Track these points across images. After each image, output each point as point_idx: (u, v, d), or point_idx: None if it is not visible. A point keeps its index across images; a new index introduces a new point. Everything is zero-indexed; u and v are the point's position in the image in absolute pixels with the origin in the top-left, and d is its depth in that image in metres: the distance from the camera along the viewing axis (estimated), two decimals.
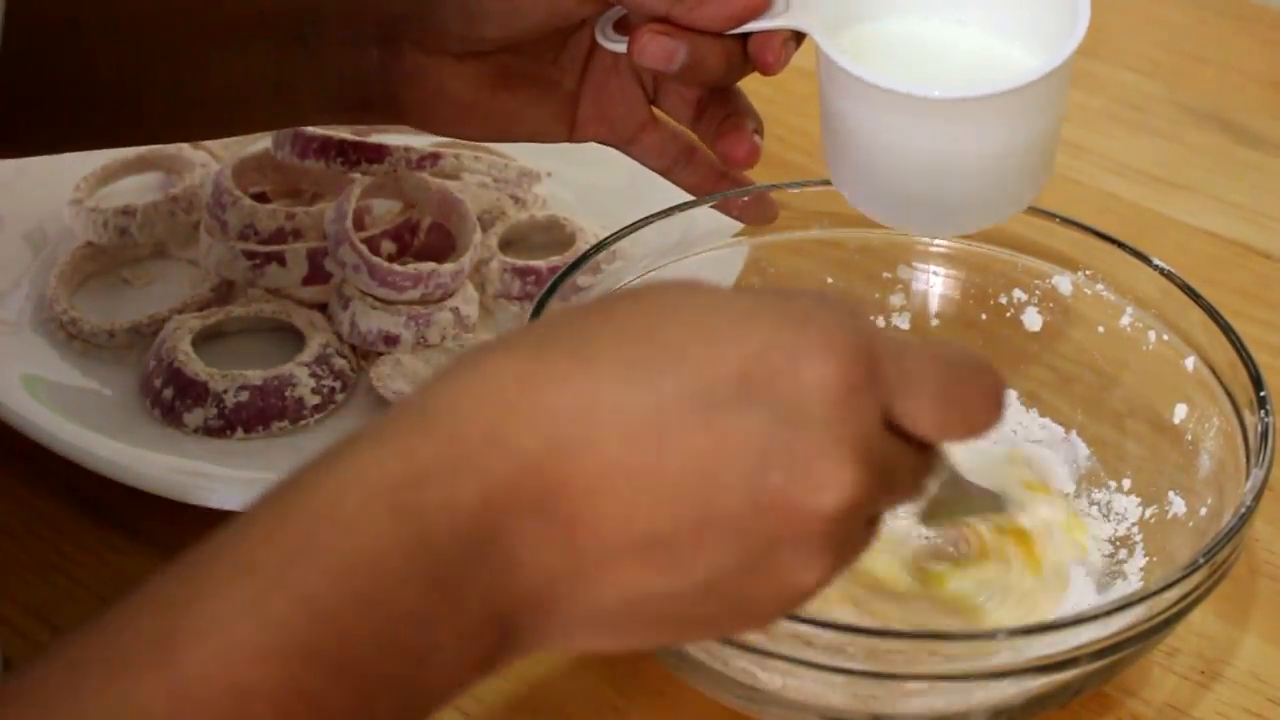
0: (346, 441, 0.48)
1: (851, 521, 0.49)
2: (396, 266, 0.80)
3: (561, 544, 0.47)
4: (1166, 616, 0.61)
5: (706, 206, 0.77)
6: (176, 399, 0.78)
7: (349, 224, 0.80)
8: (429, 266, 0.80)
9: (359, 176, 0.84)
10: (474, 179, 0.89)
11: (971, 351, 0.51)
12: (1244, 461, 0.67)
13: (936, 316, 0.80)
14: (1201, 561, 0.61)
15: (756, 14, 0.69)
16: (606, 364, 0.48)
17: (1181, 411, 0.72)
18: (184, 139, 0.87)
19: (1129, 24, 1.11)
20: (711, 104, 0.75)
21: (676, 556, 0.48)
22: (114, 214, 0.86)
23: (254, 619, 0.44)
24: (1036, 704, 0.63)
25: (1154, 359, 0.74)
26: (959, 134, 0.66)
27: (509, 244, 0.87)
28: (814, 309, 0.49)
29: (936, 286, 0.80)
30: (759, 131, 0.74)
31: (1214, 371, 0.71)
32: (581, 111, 0.76)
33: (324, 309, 0.83)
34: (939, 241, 0.79)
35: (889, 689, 0.61)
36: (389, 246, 0.83)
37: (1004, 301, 0.78)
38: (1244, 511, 0.63)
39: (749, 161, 0.74)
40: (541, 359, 0.48)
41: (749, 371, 0.48)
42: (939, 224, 0.73)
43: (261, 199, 0.86)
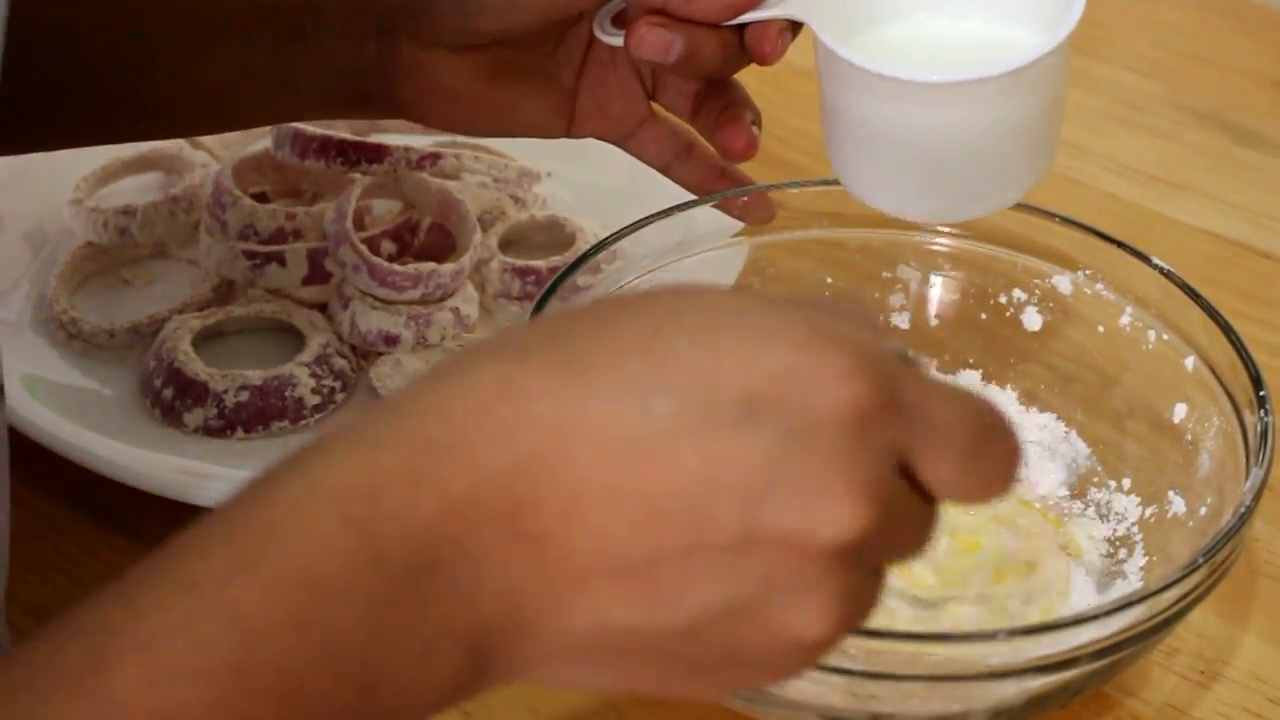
0: (311, 447, 0.45)
1: (854, 568, 0.44)
2: (396, 266, 0.80)
3: (529, 563, 0.44)
4: (1166, 616, 0.61)
5: (706, 206, 0.77)
6: (176, 399, 0.78)
7: (349, 224, 0.80)
8: (429, 266, 0.80)
9: (359, 176, 0.84)
10: (474, 179, 0.89)
11: (994, 406, 0.47)
12: (1244, 461, 0.67)
13: (936, 316, 0.80)
14: (1201, 561, 0.61)
15: (753, 4, 0.69)
16: (597, 376, 0.44)
17: (1181, 411, 0.72)
18: (183, 134, 0.87)
19: (1129, 24, 1.11)
20: (709, 97, 0.75)
21: (656, 587, 0.44)
22: (114, 214, 0.85)
23: (185, 639, 0.42)
24: (1036, 704, 0.63)
25: (1154, 359, 0.74)
26: (958, 118, 0.66)
27: (509, 244, 0.87)
28: (833, 332, 0.45)
29: (936, 286, 0.80)
30: (757, 123, 0.74)
31: (1214, 371, 0.71)
32: (580, 106, 0.76)
33: (324, 309, 0.83)
34: (939, 241, 0.79)
35: (889, 689, 0.61)
36: (389, 246, 0.83)
37: (1004, 301, 0.78)
38: (1244, 511, 0.63)
39: (747, 153, 0.74)
40: (528, 366, 0.45)
41: (756, 393, 0.44)
42: (942, 211, 0.73)
43: (261, 199, 0.86)
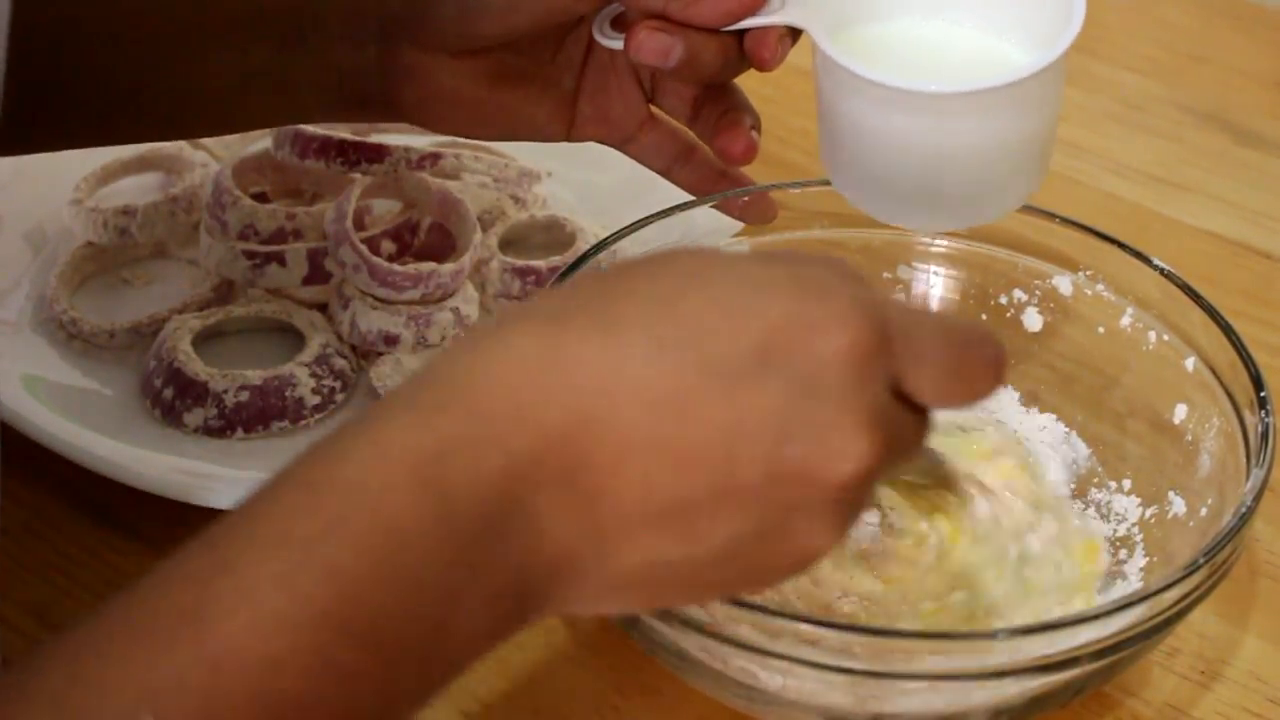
0: (372, 412, 0.49)
1: (863, 488, 0.50)
2: (396, 266, 0.80)
3: (584, 515, 0.48)
4: (1166, 616, 0.61)
5: (706, 206, 0.77)
6: (177, 399, 0.78)
7: (349, 224, 0.80)
8: (429, 266, 0.80)
9: (359, 176, 0.84)
10: (474, 179, 0.89)
11: (975, 323, 0.53)
12: (1244, 461, 0.67)
13: None
14: (1201, 561, 0.61)
15: (752, 10, 0.69)
16: (628, 334, 0.49)
17: (1181, 411, 0.72)
18: (183, 136, 0.87)
19: (1129, 24, 1.11)
20: (708, 102, 0.75)
21: (695, 525, 0.49)
22: (114, 214, 0.85)
23: (284, 591, 0.45)
24: (1036, 704, 0.63)
25: (1154, 359, 0.74)
26: (955, 129, 0.67)
27: (509, 244, 0.87)
28: (829, 281, 0.51)
29: (936, 286, 0.80)
30: (756, 127, 0.75)
31: (1214, 371, 0.71)
32: (580, 110, 0.76)
33: (324, 309, 0.83)
34: (939, 241, 0.79)
35: (889, 689, 0.61)
36: (389, 246, 0.83)
37: (1004, 301, 0.78)
38: (1244, 511, 0.63)
39: (747, 157, 0.74)
40: (566, 329, 0.49)
41: (768, 344, 0.49)
42: (937, 220, 0.73)
43: (261, 199, 0.86)
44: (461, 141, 0.88)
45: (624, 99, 0.76)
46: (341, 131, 0.85)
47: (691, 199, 0.77)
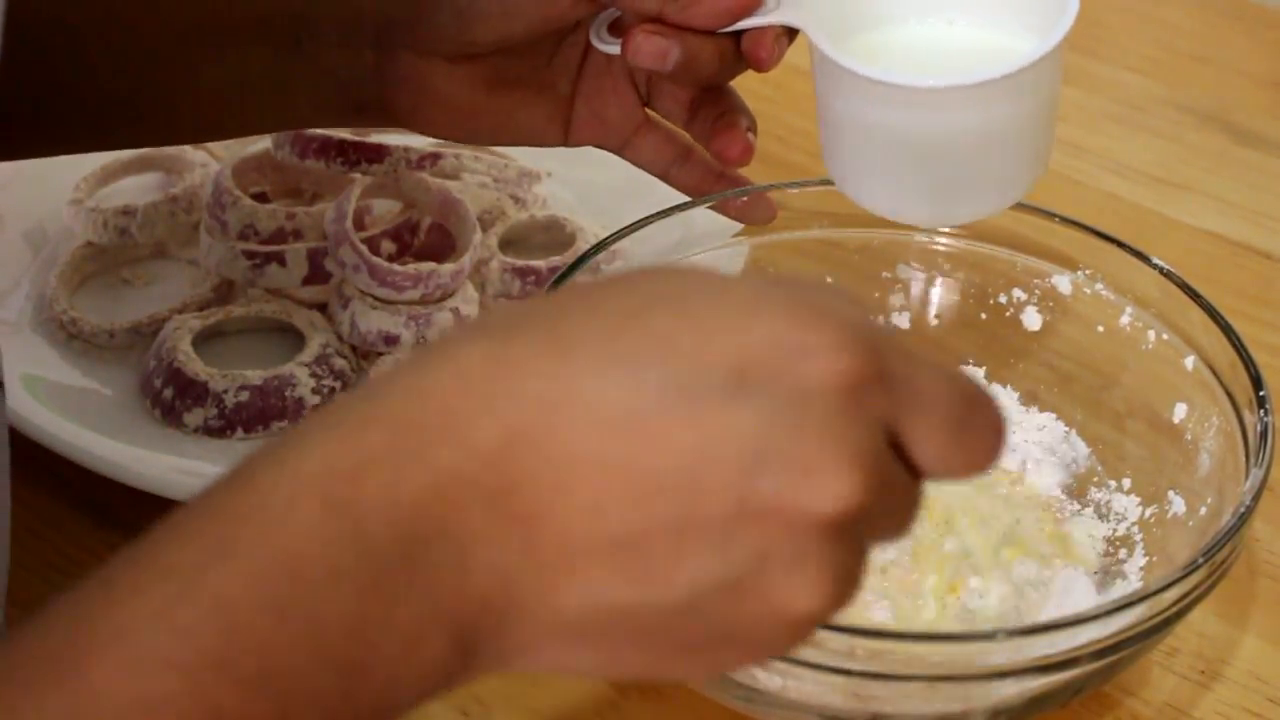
0: (293, 432, 0.44)
1: (846, 540, 0.44)
2: (396, 266, 0.80)
3: (519, 542, 0.43)
4: (1166, 616, 0.61)
5: (706, 206, 0.77)
6: (177, 399, 0.78)
7: (349, 224, 0.80)
8: (429, 266, 0.80)
9: (359, 176, 0.84)
10: (474, 179, 0.89)
11: (977, 380, 0.47)
12: (1244, 461, 0.67)
13: (936, 316, 0.80)
14: (1201, 561, 0.61)
15: (748, 11, 0.69)
16: (585, 351, 0.44)
17: (1181, 411, 0.72)
18: (179, 142, 0.87)
19: (1129, 24, 1.11)
20: (704, 104, 0.75)
21: (650, 564, 0.43)
22: (114, 214, 0.86)
23: (163, 627, 0.42)
24: (1036, 704, 0.63)
25: (1154, 359, 0.74)
26: (953, 123, 0.67)
27: (509, 244, 0.87)
28: (828, 306, 0.45)
29: (936, 286, 0.80)
30: (752, 129, 0.75)
31: (1214, 371, 0.71)
32: (576, 115, 0.76)
33: (324, 309, 0.83)
34: (939, 241, 0.79)
35: (889, 689, 0.61)
36: (389, 246, 0.83)
37: (1004, 301, 0.78)
38: (1244, 511, 0.63)
39: (743, 159, 0.74)
40: (514, 342, 0.44)
41: (746, 365, 0.43)
42: (937, 215, 0.73)
43: (261, 199, 0.86)
44: None
45: (620, 103, 0.76)
46: (341, 131, 0.85)
47: (691, 199, 0.77)
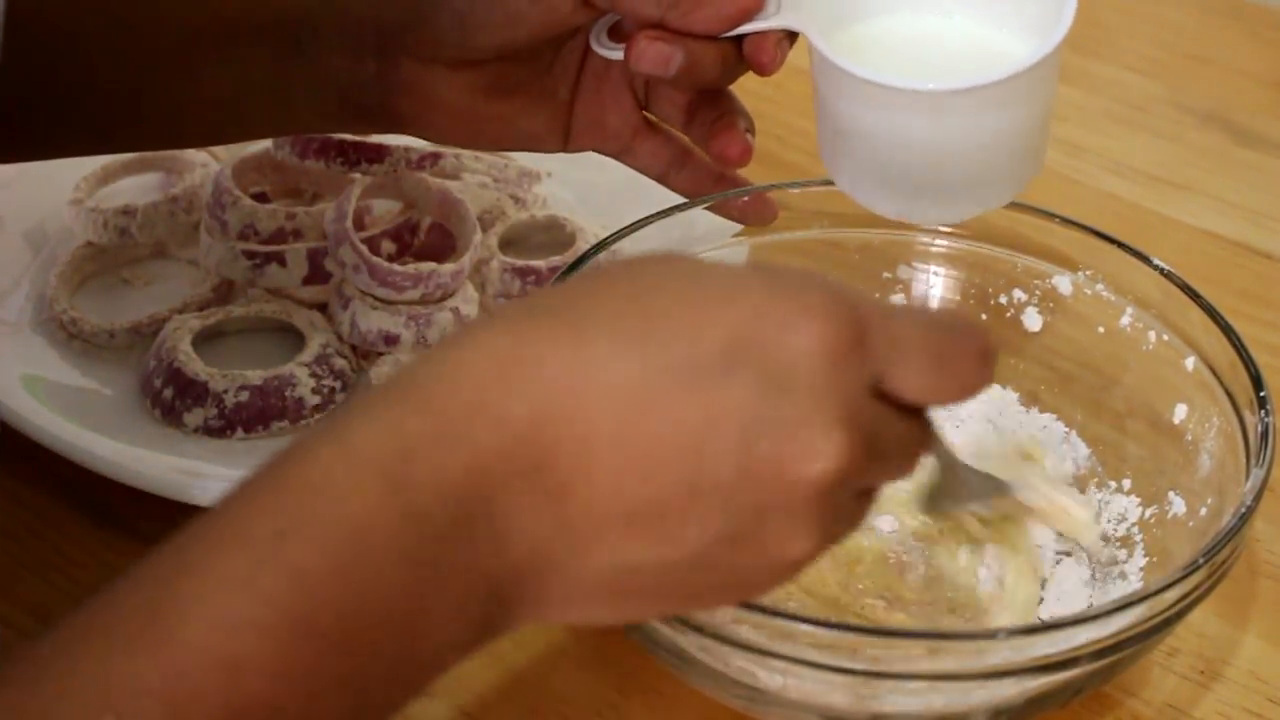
0: (340, 415, 0.49)
1: (840, 491, 0.49)
2: (396, 266, 0.80)
3: (552, 513, 0.48)
4: (1166, 616, 0.61)
5: (706, 207, 0.77)
6: (176, 399, 0.78)
7: (349, 224, 0.80)
8: (429, 266, 0.80)
9: (359, 176, 0.84)
10: (474, 179, 0.89)
11: (959, 314, 0.52)
12: (1244, 461, 0.67)
13: None
14: (1201, 561, 0.61)
15: (750, 16, 0.69)
16: (595, 333, 0.48)
17: (1181, 411, 0.72)
18: (179, 146, 0.87)
19: (1129, 24, 1.11)
20: (702, 106, 0.75)
21: (666, 526, 0.48)
22: (114, 214, 0.85)
23: (245, 592, 0.45)
24: (1036, 704, 0.63)
25: (1154, 359, 0.74)
26: (951, 125, 0.67)
27: (509, 244, 0.87)
28: (803, 281, 0.50)
29: (936, 286, 0.80)
30: (751, 130, 0.75)
31: (1214, 371, 0.71)
32: (576, 120, 0.76)
33: (324, 309, 0.83)
34: (939, 241, 0.79)
35: (889, 689, 0.61)
36: (389, 246, 0.83)
37: (1004, 301, 0.78)
38: (1244, 511, 0.63)
39: (742, 160, 0.74)
40: (533, 327, 0.49)
41: (736, 340, 0.48)
42: (941, 211, 0.73)
43: (261, 199, 0.86)
44: None
45: (619, 107, 0.76)
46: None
47: (691, 199, 0.77)
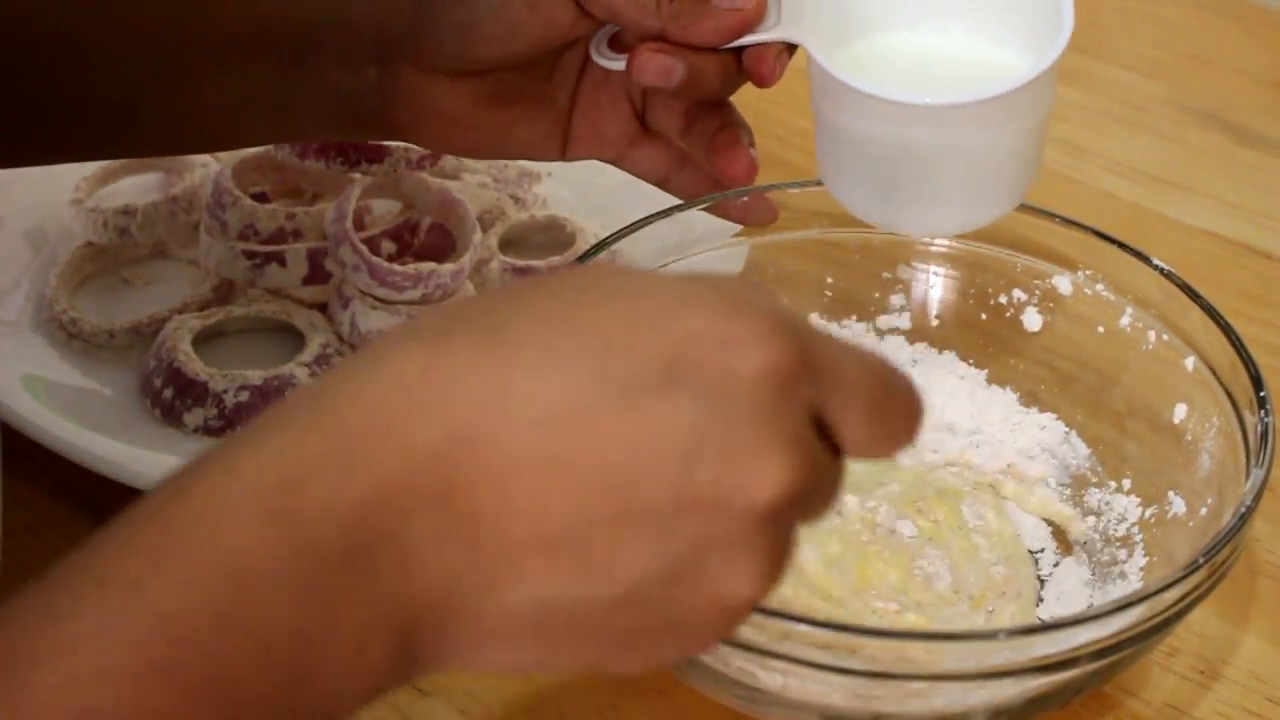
0: (231, 439, 0.45)
1: (781, 524, 0.45)
2: (396, 266, 0.80)
3: (463, 541, 0.44)
4: (1166, 616, 0.61)
5: (706, 207, 0.77)
6: (176, 399, 0.78)
7: (349, 224, 0.80)
8: (429, 266, 0.80)
9: (359, 176, 0.84)
10: (474, 179, 0.89)
11: (895, 363, 0.48)
12: (1244, 461, 0.67)
13: (936, 317, 0.80)
14: (1201, 561, 0.61)
15: (750, 28, 0.70)
16: (519, 350, 0.45)
17: (1181, 411, 0.72)
18: (179, 153, 0.87)
19: (1129, 24, 1.11)
20: (701, 117, 0.75)
21: (590, 556, 0.44)
22: (114, 214, 0.85)
23: (107, 638, 0.42)
24: (1036, 704, 0.63)
25: (1154, 359, 0.74)
26: (949, 139, 0.67)
27: (509, 244, 0.87)
28: (749, 299, 0.46)
29: (936, 286, 0.80)
30: (752, 143, 0.75)
31: (1214, 371, 0.71)
32: (574, 129, 0.76)
33: (324, 309, 0.83)
34: (939, 241, 0.79)
35: (890, 689, 0.61)
36: (389, 246, 0.83)
37: (1004, 301, 0.78)
38: (1244, 511, 0.63)
39: (748, 177, 0.74)
40: (447, 345, 0.45)
41: (676, 358, 0.45)
42: (938, 223, 0.73)
43: (261, 199, 0.86)
44: None
45: (617, 116, 0.76)
46: None
47: (692, 200, 0.77)
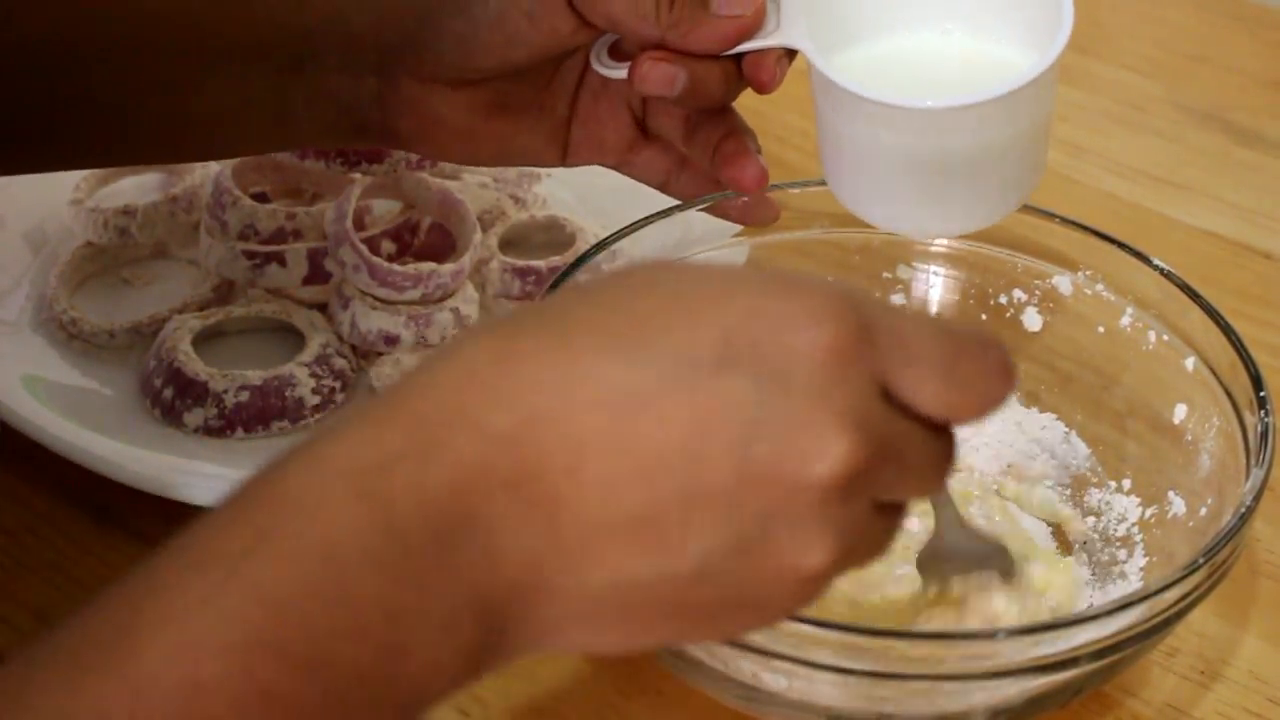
0: (319, 431, 0.47)
1: (852, 498, 0.47)
2: (396, 266, 0.80)
3: (543, 525, 0.46)
4: (1166, 616, 0.61)
5: (706, 208, 0.77)
6: (176, 399, 0.78)
7: (349, 224, 0.80)
8: (429, 266, 0.81)
9: (359, 176, 0.84)
10: (474, 179, 0.89)
11: (974, 326, 0.49)
12: (1244, 461, 0.67)
13: (937, 317, 0.80)
14: (1201, 561, 0.61)
15: (749, 35, 0.70)
16: (584, 338, 0.47)
17: (1181, 411, 0.72)
18: (178, 160, 0.87)
19: (1129, 24, 1.11)
20: (703, 123, 0.74)
21: (664, 534, 0.46)
22: (114, 214, 0.86)
23: (210, 612, 0.43)
24: (1036, 704, 0.63)
25: (1154, 359, 0.74)
26: (951, 142, 0.67)
27: (509, 244, 0.87)
28: (799, 280, 0.48)
29: (936, 286, 0.80)
30: (758, 149, 0.75)
31: (1214, 371, 0.71)
32: (573, 137, 0.76)
33: (324, 309, 0.83)
34: (939, 241, 0.79)
35: (891, 688, 0.61)
36: (389, 246, 0.83)
37: (1004, 301, 0.78)
38: (1244, 511, 0.63)
39: (758, 184, 0.74)
40: (518, 336, 0.47)
41: (731, 339, 0.46)
42: (941, 224, 0.73)
43: (261, 199, 0.86)
44: None
45: (616, 123, 0.76)
46: None
47: (692, 200, 0.77)
